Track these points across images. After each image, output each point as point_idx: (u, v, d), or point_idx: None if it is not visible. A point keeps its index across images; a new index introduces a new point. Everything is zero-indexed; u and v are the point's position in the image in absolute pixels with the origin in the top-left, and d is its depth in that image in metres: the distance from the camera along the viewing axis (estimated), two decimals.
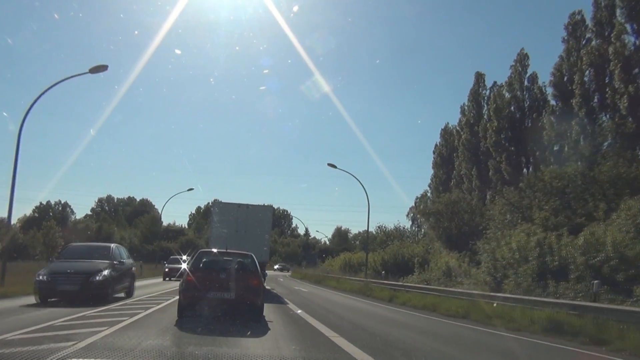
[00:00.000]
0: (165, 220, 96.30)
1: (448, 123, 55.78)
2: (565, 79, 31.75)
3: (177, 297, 11.43)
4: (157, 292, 19.97)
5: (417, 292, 22.08)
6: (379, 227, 61.27)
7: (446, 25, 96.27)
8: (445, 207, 31.76)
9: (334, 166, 31.42)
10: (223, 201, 23.71)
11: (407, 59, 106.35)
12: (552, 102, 34.34)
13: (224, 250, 12.99)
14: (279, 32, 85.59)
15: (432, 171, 57.69)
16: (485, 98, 45.42)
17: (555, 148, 33.09)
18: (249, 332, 9.29)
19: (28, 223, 75.36)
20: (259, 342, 8.41)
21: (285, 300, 19.20)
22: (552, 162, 32.29)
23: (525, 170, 37.45)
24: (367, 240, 44.99)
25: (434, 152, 56.92)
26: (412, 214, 60.09)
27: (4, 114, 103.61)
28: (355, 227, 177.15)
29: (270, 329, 10.05)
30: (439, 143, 56.29)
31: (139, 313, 11.71)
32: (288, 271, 73.34)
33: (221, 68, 68.83)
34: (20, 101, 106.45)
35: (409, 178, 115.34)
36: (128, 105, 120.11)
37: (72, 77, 19.91)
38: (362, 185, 34.53)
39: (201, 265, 12.08)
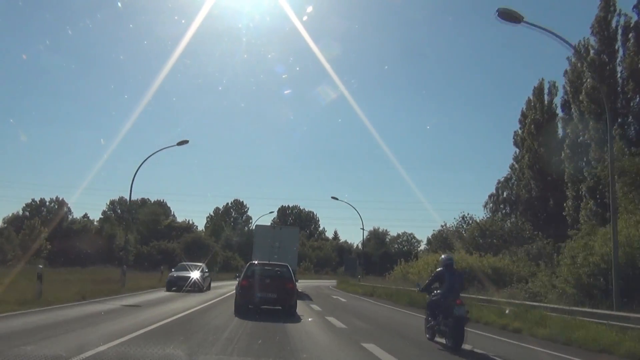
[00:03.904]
0: (179, 220, 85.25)
1: (543, 79, 41.79)
2: None
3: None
4: None
5: None
6: (462, 217, 46.70)
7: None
8: None
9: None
10: (262, 224, 37.34)
11: (416, 63, 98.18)
12: None
13: (267, 262, 18.30)
14: (294, 38, 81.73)
15: (514, 149, 43.95)
16: (620, 27, 31.54)
17: None
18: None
19: (14, 222, 63.79)
20: None
21: None
22: None
23: None
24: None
25: (520, 122, 42.99)
26: (490, 205, 45.90)
27: (10, 120, 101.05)
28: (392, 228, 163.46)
29: None
30: (527, 108, 42.30)
31: None
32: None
33: (237, 74, 67.89)
34: (32, 112, 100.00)
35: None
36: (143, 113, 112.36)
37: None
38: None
39: (250, 273, 15.60)
